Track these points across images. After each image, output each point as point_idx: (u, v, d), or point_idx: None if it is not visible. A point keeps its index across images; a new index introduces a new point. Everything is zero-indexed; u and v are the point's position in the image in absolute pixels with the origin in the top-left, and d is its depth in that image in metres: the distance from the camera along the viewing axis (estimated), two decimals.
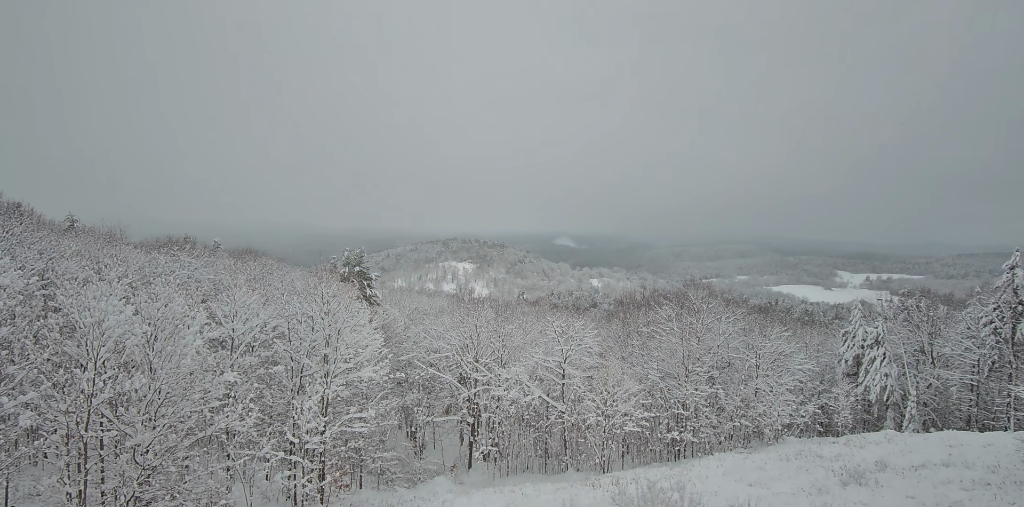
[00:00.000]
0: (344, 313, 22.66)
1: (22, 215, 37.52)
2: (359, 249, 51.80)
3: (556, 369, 30.19)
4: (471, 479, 27.81)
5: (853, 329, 41.13)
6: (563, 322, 30.82)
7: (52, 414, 14.09)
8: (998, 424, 34.84)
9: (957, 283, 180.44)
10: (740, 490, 17.12)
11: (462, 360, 30.86)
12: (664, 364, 32.51)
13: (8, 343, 17.53)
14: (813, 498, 15.81)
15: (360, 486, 26.22)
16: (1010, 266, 33.86)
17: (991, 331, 34.33)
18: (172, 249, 44.22)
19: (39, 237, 31.85)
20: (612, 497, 16.03)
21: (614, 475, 23.19)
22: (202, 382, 16.32)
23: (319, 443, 21.27)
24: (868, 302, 66.13)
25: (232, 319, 23.24)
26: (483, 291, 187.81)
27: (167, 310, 16.17)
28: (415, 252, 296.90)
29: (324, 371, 22.11)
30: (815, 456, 22.02)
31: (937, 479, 16.88)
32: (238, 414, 18.54)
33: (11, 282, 19.03)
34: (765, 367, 33.16)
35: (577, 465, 28.92)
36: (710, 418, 31.04)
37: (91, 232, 48.83)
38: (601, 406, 27.21)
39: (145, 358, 15.42)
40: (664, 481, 17.79)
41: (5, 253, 25.26)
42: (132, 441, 14.35)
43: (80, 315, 14.54)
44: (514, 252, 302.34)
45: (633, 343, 40.24)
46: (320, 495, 21.63)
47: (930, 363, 39.39)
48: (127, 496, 14.22)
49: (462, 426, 32.95)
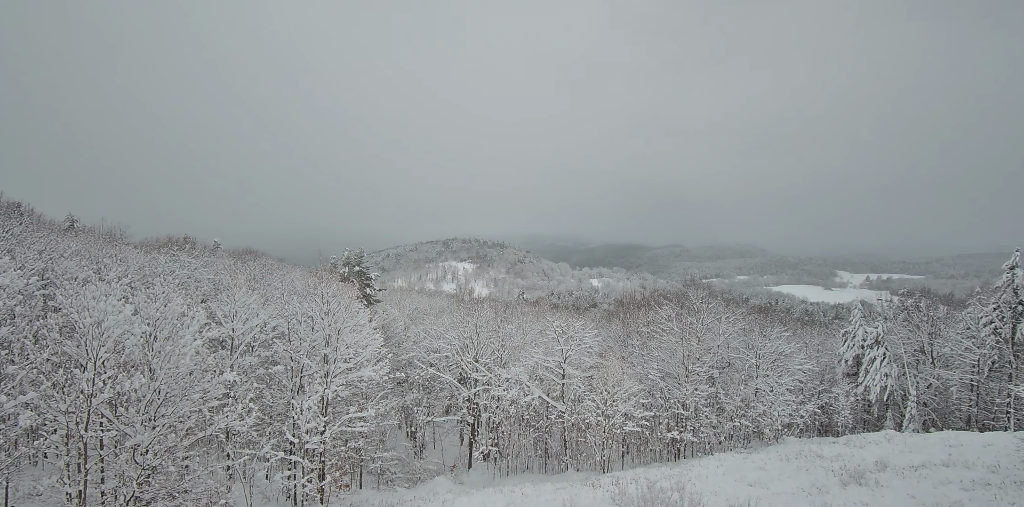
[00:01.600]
0: (344, 313, 22.65)
1: (22, 215, 37.53)
2: (359, 249, 51.76)
3: (556, 369, 30.18)
4: (471, 479, 27.81)
5: (853, 329, 41.12)
6: (563, 322, 30.81)
7: (52, 414, 14.08)
8: (998, 424, 34.82)
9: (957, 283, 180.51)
10: (740, 490, 17.10)
11: (462, 360, 30.86)
12: (664, 364, 32.52)
13: (8, 343, 17.51)
14: (813, 498, 15.80)
15: (360, 486, 26.21)
16: (1010, 266, 33.85)
17: (991, 331, 34.32)
18: (172, 249, 44.22)
19: (39, 237, 31.85)
20: (612, 497, 16.03)
21: (614, 475, 23.18)
22: (201, 382, 16.30)
23: (319, 443, 21.27)
24: (868, 302, 66.13)
25: (232, 319, 23.23)
26: (483, 291, 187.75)
27: (166, 310, 16.16)
28: (415, 252, 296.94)
29: (324, 371, 22.11)
30: (815, 456, 22.00)
31: (937, 479, 16.88)
32: (238, 414, 18.54)
33: (11, 282, 19.02)
34: (765, 367, 33.16)
35: (577, 465, 28.91)
36: (710, 418, 31.03)
37: (91, 232, 48.84)
38: (601, 406, 27.21)
39: (144, 358, 15.42)
40: (664, 481, 17.78)
41: (5, 253, 25.26)
42: (132, 441, 14.35)
43: (80, 315, 14.53)
44: (514, 252, 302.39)
45: (633, 343, 40.25)
46: (320, 495, 21.62)
47: (930, 363, 39.38)
48: (127, 496, 14.21)
49: (462, 426, 32.95)
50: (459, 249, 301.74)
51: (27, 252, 27.80)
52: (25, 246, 28.71)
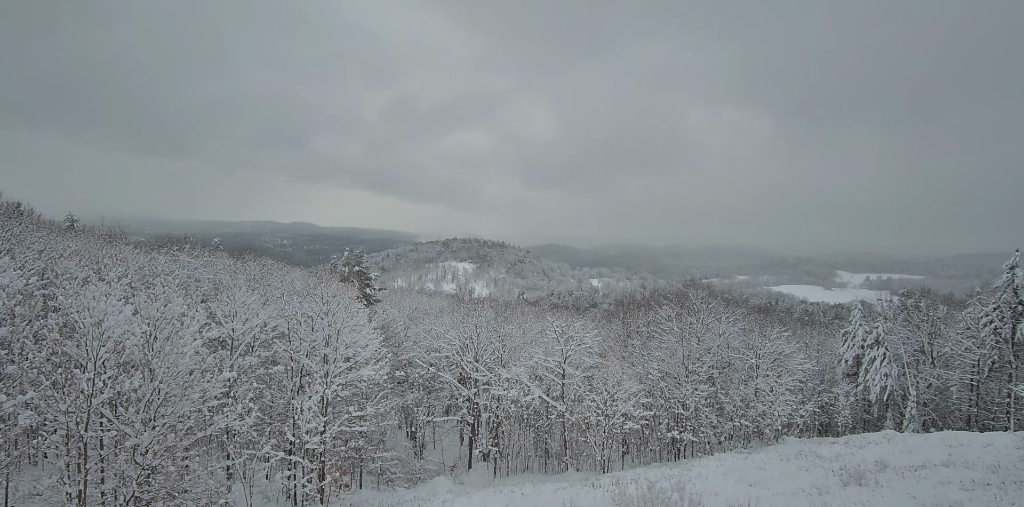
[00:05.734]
0: (344, 313, 22.66)
1: (22, 215, 37.47)
2: (359, 249, 51.80)
3: (556, 369, 30.18)
4: (471, 479, 27.81)
5: (853, 329, 41.12)
6: (563, 322, 30.81)
7: (52, 414, 14.08)
8: (998, 424, 34.81)
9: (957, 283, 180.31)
10: (740, 490, 17.10)
11: (462, 360, 30.85)
12: (664, 364, 32.52)
13: (8, 343, 17.53)
14: (813, 498, 15.79)
15: (360, 486, 26.21)
16: (1010, 266, 33.84)
17: (991, 331, 34.31)
18: (172, 249, 44.21)
19: (39, 237, 31.82)
20: (612, 497, 16.02)
21: (614, 475, 23.17)
22: (201, 382, 16.30)
23: (319, 443, 21.27)
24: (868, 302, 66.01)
25: (232, 319, 23.23)
26: (483, 291, 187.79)
27: (166, 310, 16.15)
28: (415, 252, 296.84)
29: (324, 371, 22.11)
30: (815, 456, 21.98)
31: (937, 479, 16.86)
32: (238, 414, 18.55)
33: (11, 282, 19.04)
34: (765, 367, 33.17)
35: (577, 465, 28.91)
36: (710, 418, 31.03)
37: (91, 232, 48.86)
38: (601, 406, 27.20)
39: (144, 358, 15.41)
40: (664, 481, 17.77)
41: (5, 253, 25.28)
42: (131, 441, 14.34)
43: (80, 315, 14.53)
44: (514, 252, 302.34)
45: (633, 343, 40.27)
46: (320, 495, 21.63)
47: (930, 363, 39.38)
48: (127, 496, 14.21)
49: (462, 426, 32.94)
50: (459, 249, 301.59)
51: (27, 252, 27.80)
52: (25, 246, 28.70)
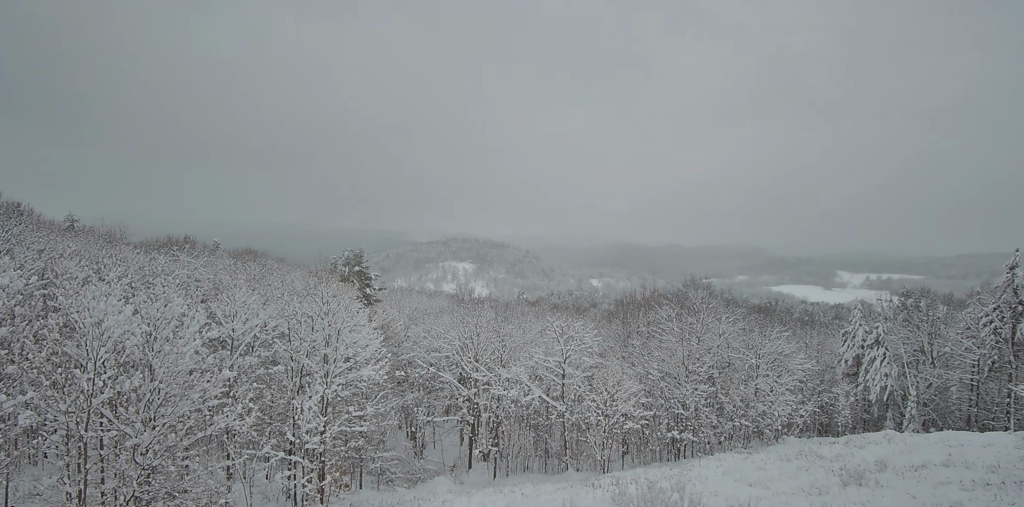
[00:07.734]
0: (344, 313, 22.66)
1: (22, 215, 37.47)
2: (359, 249, 51.74)
3: (556, 369, 30.17)
4: (471, 479, 27.82)
5: (853, 329, 41.12)
6: (563, 322, 30.81)
7: (52, 414, 14.09)
8: (998, 424, 34.81)
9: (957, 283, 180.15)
10: (740, 490, 17.10)
11: (462, 360, 30.85)
12: (664, 364, 32.51)
13: (8, 343, 17.52)
14: (813, 498, 15.79)
15: (360, 486, 26.21)
16: (1010, 266, 33.83)
17: (991, 331, 34.30)
18: (172, 249, 44.24)
19: (39, 237, 31.84)
20: (612, 497, 16.02)
21: (614, 475, 23.18)
22: (201, 382, 16.30)
23: (319, 443, 21.27)
24: (868, 302, 66.10)
25: (232, 319, 23.23)
26: (483, 291, 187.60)
27: (166, 310, 16.15)
28: (415, 252, 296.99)
29: (324, 371, 22.11)
30: (815, 456, 21.99)
31: (937, 479, 16.86)
32: (238, 414, 18.54)
33: (11, 282, 19.03)
34: (765, 367, 33.16)
35: (577, 465, 28.91)
36: (710, 418, 31.03)
37: (91, 232, 48.80)
38: (601, 406, 27.20)
39: (144, 358, 15.41)
40: (664, 481, 17.78)
41: (5, 253, 25.27)
42: (131, 441, 14.34)
43: (80, 315, 14.53)
44: (514, 252, 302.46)
45: (633, 343, 40.27)
46: (320, 495, 21.63)
47: (930, 363, 39.38)
48: (127, 496, 14.21)
49: (462, 426, 32.93)
50: (459, 249, 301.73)
51: (27, 252, 27.78)
52: (25, 246, 28.69)
